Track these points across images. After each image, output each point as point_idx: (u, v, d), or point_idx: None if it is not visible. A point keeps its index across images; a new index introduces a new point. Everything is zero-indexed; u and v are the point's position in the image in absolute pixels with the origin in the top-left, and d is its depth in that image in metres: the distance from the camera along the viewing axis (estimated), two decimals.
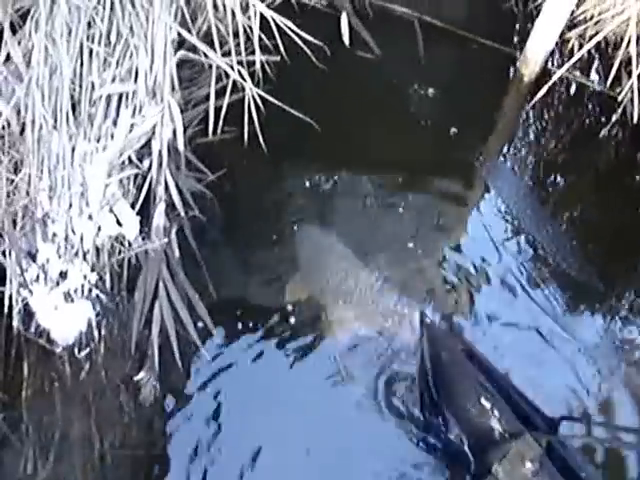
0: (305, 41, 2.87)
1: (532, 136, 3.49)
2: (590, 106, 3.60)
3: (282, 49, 2.92)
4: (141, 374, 2.33)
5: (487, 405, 2.25)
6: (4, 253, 2.35)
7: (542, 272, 3.04)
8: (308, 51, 2.85)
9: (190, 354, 2.44)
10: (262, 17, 2.89)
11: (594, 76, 3.62)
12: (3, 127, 2.76)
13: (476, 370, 2.40)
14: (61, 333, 2.34)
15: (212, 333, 2.49)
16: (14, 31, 2.94)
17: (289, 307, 2.71)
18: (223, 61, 2.85)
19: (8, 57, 2.91)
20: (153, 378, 2.33)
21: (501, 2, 3.80)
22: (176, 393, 2.39)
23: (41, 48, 2.79)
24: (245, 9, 2.91)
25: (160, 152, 2.73)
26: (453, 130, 3.29)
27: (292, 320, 2.67)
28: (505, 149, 3.44)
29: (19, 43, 2.93)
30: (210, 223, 2.73)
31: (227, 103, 2.79)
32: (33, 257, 2.43)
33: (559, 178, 3.35)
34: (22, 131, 2.75)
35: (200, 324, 2.48)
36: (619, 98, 3.29)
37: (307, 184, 3.13)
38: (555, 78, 3.24)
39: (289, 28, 2.75)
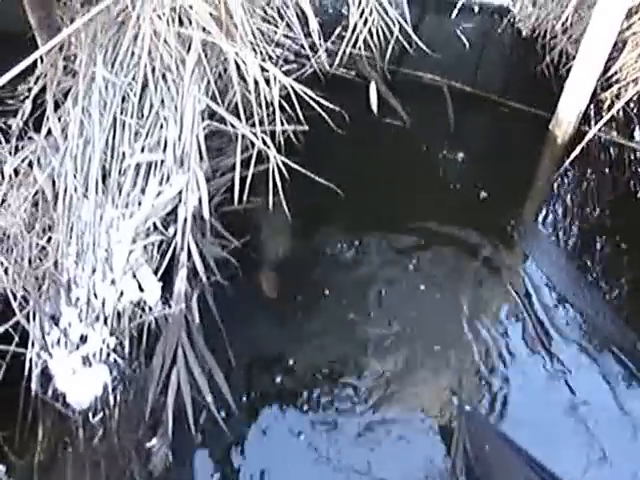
0: (331, 110, 3.02)
1: (567, 199, 3.44)
2: (629, 167, 3.55)
3: (309, 119, 3.06)
4: (153, 441, 2.35)
5: None
6: (28, 316, 2.46)
7: (584, 344, 2.94)
8: (330, 122, 2.98)
9: (205, 423, 2.44)
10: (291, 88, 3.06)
11: (632, 136, 3.60)
12: (37, 194, 2.98)
13: (522, 464, 2.30)
14: (77, 397, 2.40)
15: (229, 402, 2.49)
16: (56, 107, 3.22)
17: (309, 377, 2.69)
18: (249, 131, 3.01)
19: (49, 131, 3.18)
20: (165, 446, 2.34)
21: (531, 65, 3.87)
22: (188, 462, 2.38)
23: (77, 121, 3.03)
24: (272, 81, 3.08)
25: (185, 219, 2.85)
26: (483, 195, 3.29)
27: (311, 391, 2.64)
28: (539, 213, 3.41)
29: (59, 119, 3.19)
30: (233, 290, 2.78)
31: (253, 172, 2.92)
32: (56, 320, 2.53)
33: (597, 243, 3.27)
34: (55, 199, 2.97)
35: (218, 392, 2.49)
36: None
37: (331, 252, 3.16)
38: (587, 139, 3.25)
39: (313, 99, 2.88)
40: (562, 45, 3.86)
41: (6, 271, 2.46)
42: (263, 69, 2.93)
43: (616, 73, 3.56)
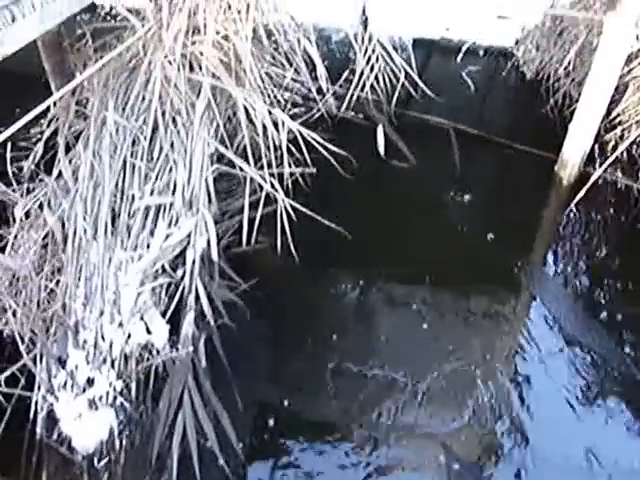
0: (338, 153, 3.07)
1: (573, 240, 3.46)
2: (635, 208, 3.57)
3: (316, 161, 3.11)
4: None
5: None
6: (35, 358, 2.47)
7: (595, 384, 2.92)
8: (337, 165, 3.02)
9: (210, 468, 2.42)
10: (299, 132, 3.12)
11: (638, 177, 3.64)
12: (46, 237, 3.02)
13: None
14: (82, 441, 2.38)
15: (234, 447, 2.47)
16: (68, 150, 3.28)
17: (318, 422, 2.67)
18: (257, 174, 3.05)
19: (60, 174, 3.24)
20: None
21: (536, 108, 3.94)
22: None
23: (88, 164, 3.08)
24: (280, 125, 3.14)
25: (194, 261, 2.88)
26: (490, 236, 3.31)
27: (316, 436, 2.62)
28: (546, 255, 3.42)
29: (70, 161, 3.24)
30: (240, 332, 2.79)
31: (261, 214, 2.96)
32: (62, 363, 2.54)
33: (603, 283, 3.27)
34: (64, 241, 3.00)
35: (223, 437, 2.48)
36: None
37: (339, 293, 3.17)
38: (592, 180, 3.29)
39: (319, 143, 2.93)
40: (565, 88, 3.94)
41: (14, 313, 2.48)
42: (271, 113, 3.00)
43: (619, 115, 3.63)
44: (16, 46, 2.38)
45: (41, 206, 3.08)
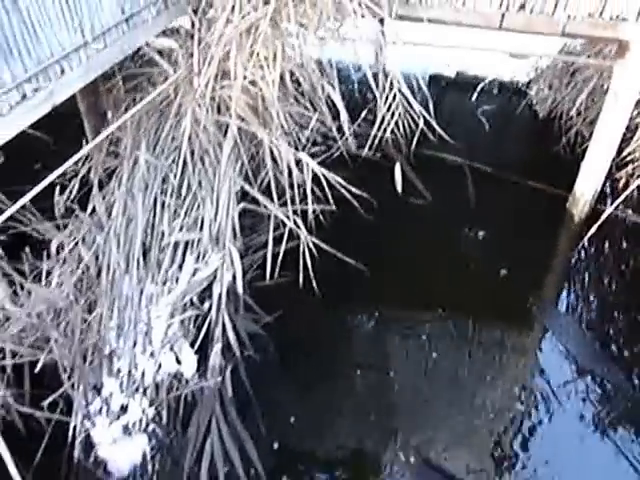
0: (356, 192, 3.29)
1: (585, 276, 3.63)
2: None
3: (336, 198, 3.33)
4: None
5: None
6: (73, 386, 2.68)
7: (610, 416, 3.06)
8: (356, 202, 3.24)
9: None
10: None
11: None
12: (83, 272, 3.24)
13: None
14: (117, 465, 2.57)
15: (259, 472, 2.65)
16: (101, 187, 3.51)
17: (339, 453, 2.82)
18: (281, 211, 3.27)
19: (94, 209, 3.47)
20: None
21: (548, 146, 4.14)
22: None
23: (121, 201, 3.32)
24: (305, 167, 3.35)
25: (220, 295, 3.10)
26: (503, 272, 3.49)
27: (338, 463, 2.78)
28: (558, 290, 3.59)
29: (104, 197, 3.48)
30: (264, 363, 2.98)
31: (284, 249, 3.18)
32: (98, 390, 2.74)
33: (614, 318, 3.42)
34: (98, 275, 3.22)
35: (248, 462, 2.66)
36: None
37: (358, 326, 3.36)
38: (603, 218, 3.45)
39: (339, 183, 3.16)
40: (577, 127, 4.14)
41: (55, 343, 2.70)
42: (295, 155, 3.23)
43: (630, 154, 3.81)
44: (64, 96, 2.64)
45: (75, 240, 3.33)
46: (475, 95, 4.61)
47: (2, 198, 2.92)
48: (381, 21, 3.06)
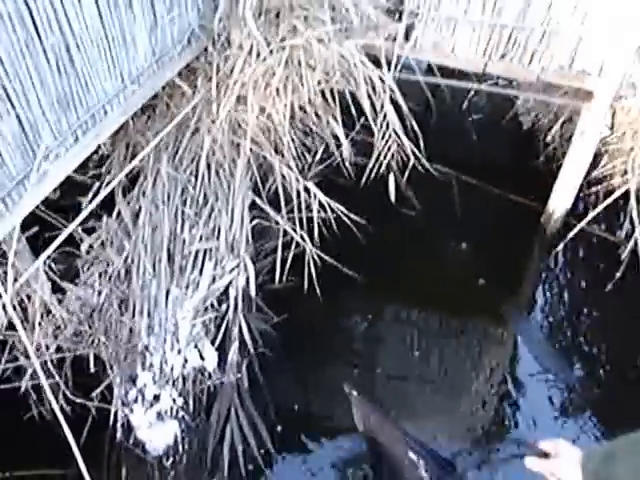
0: (355, 201, 3.89)
1: (554, 287, 4.28)
2: (610, 259, 4.23)
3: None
4: None
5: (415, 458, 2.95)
6: (114, 378, 3.33)
7: (564, 414, 3.72)
8: (354, 215, 3.85)
9: (253, 467, 3.29)
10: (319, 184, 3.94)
11: (614, 231, 4.43)
12: (112, 273, 3.84)
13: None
14: (154, 445, 3.23)
15: (271, 452, 3.34)
16: (124, 193, 4.08)
17: (341, 436, 3.48)
18: (288, 224, 3.87)
19: (118, 214, 4.04)
20: None
21: (530, 160, 4.72)
22: None
23: (147, 212, 3.90)
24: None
25: (236, 298, 3.72)
26: (481, 281, 4.14)
27: (343, 447, 3.45)
28: (529, 298, 4.24)
29: (128, 203, 4.05)
30: (274, 358, 3.63)
31: (291, 255, 3.80)
32: (134, 382, 3.39)
33: (580, 326, 4.07)
34: (126, 277, 3.82)
35: (262, 444, 3.35)
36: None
37: (355, 326, 4.03)
38: (571, 235, 4.09)
39: (330, 205, 3.78)
40: (556, 144, 4.72)
41: (96, 339, 3.33)
42: (299, 181, 3.82)
43: (602, 174, 4.41)
44: (108, 134, 3.21)
45: (103, 243, 3.92)
46: (466, 103, 5.18)
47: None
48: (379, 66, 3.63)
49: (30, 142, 2.70)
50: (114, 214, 3.95)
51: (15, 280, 2.99)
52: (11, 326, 3.29)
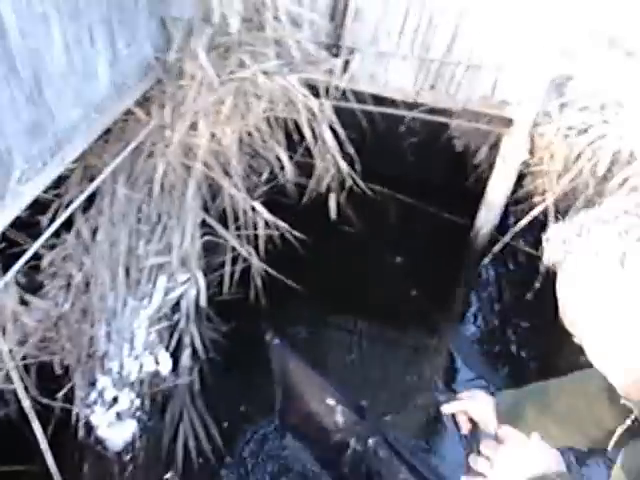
0: (298, 219, 4.40)
1: (482, 296, 4.87)
2: (532, 271, 4.72)
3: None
4: (169, 474, 3.63)
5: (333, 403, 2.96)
6: (76, 382, 3.73)
7: None
8: (296, 232, 4.35)
9: (205, 461, 3.74)
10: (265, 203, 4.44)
11: (536, 246, 5.01)
12: (70, 286, 4.24)
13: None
14: (113, 442, 3.63)
15: (220, 447, 3.80)
16: (82, 211, 4.49)
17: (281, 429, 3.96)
18: (235, 240, 4.35)
19: (77, 231, 4.45)
20: (177, 477, 3.63)
21: (461, 180, 5.31)
22: None
23: (104, 229, 4.33)
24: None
25: (188, 309, 4.17)
26: (413, 292, 4.69)
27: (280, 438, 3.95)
28: (458, 307, 4.82)
29: (87, 221, 4.47)
30: (223, 363, 4.09)
31: (238, 270, 4.28)
32: (94, 385, 3.80)
33: (505, 330, 4.67)
34: (86, 289, 4.24)
35: (212, 440, 3.80)
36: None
37: (297, 333, 4.51)
38: (497, 248, 4.68)
39: (275, 223, 4.27)
40: (484, 165, 5.32)
41: (63, 347, 3.74)
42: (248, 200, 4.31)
43: (526, 193, 5.01)
44: (72, 158, 3.65)
45: (63, 258, 4.33)
46: (403, 128, 5.75)
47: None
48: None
49: (5, 166, 3.13)
50: (73, 231, 4.38)
51: None
52: None
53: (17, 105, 3.07)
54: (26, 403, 3.14)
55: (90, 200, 4.53)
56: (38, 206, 4.29)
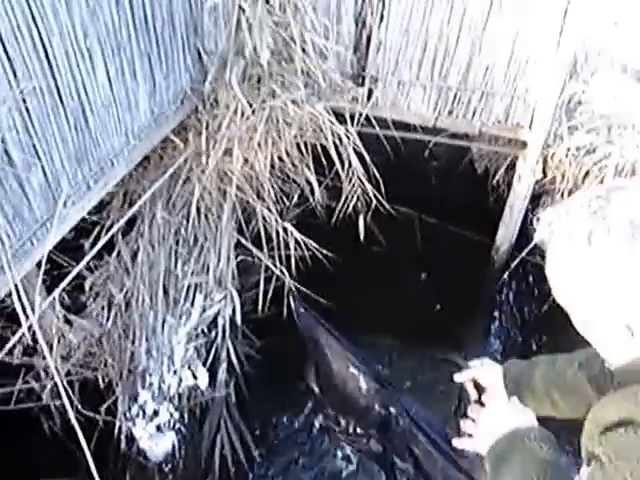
0: (328, 239, 4.43)
1: (503, 309, 4.84)
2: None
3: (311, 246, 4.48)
4: None
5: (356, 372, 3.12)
6: (118, 396, 3.77)
7: None
8: (327, 251, 4.37)
9: (241, 471, 3.74)
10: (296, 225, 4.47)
11: None
12: (112, 306, 4.30)
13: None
14: (154, 452, 3.64)
15: (255, 457, 3.79)
16: (123, 235, 4.57)
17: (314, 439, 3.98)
18: (269, 260, 4.39)
19: (118, 253, 4.53)
20: None
21: (482, 201, 5.31)
22: None
23: (144, 251, 4.39)
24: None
25: (224, 326, 4.20)
26: (437, 307, 4.68)
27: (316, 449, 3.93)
28: (481, 320, 4.79)
29: (127, 244, 4.54)
30: (258, 377, 4.10)
31: (272, 288, 4.31)
32: (136, 399, 3.83)
33: (526, 344, 4.62)
34: (127, 309, 4.29)
35: (248, 451, 3.80)
36: None
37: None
38: (515, 263, 4.64)
39: (306, 243, 4.30)
40: (503, 186, 5.32)
41: (105, 363, 3.78)
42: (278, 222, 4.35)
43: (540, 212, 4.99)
44: (114, 183, 3.72)
45: (106, 280, 4.40)
46: (427, 152, 5.78)
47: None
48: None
49: (52, 190, 3.18)
50: (114, 254, 4.45)
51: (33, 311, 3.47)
52: (25, 353, 3.77)
53: (63, 134, 3.15)
54: (72, 415, 3.17)
55: (130, 224, 4.61)
56: (81, 230, 4.41)
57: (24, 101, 2.85)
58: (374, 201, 4.42)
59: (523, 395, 1.73)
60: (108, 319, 4.14)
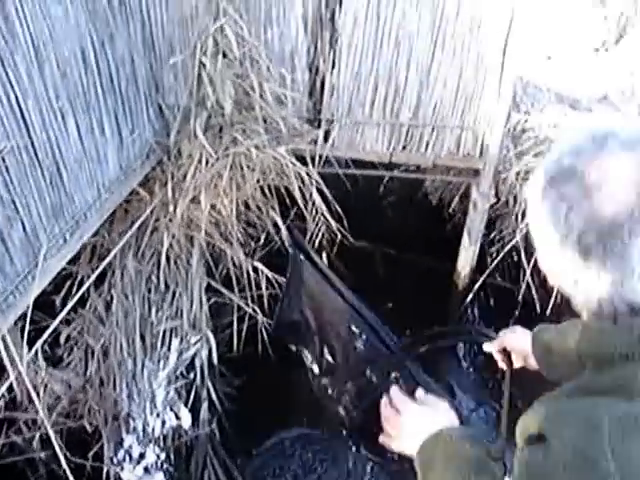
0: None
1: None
2: (514, 305, 5.06)
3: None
4: None
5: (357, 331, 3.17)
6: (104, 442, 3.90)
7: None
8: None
9: None
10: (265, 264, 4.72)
11: (515, 281, 5.34)
12: (89, 356, 4.45)
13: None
14: None
15: None
16: (95, 287, 4.74)
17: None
18: (241, 300, 4.61)
19: (91, 305, 4.69)
20: None
21: (439, 230, 5.65)
22: None
23: (118, 300, 4.57)
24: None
25: (202, 366, 4.38)
26: (407, 332, 4.94)
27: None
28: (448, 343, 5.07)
29: (100, 295, 4.71)
30: (239, 414, 4.28)
31: (245, 327, 4.53)
32: (121, 444, 3.97)
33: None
34: (104, 358, 4.44)
35: None
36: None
37: (306, 382, 4.71)
38: (476, 287, 4.98)
39: (277, 280, 4.55)
40: (459, 213, 5.69)
41: (90, 411, 3.92)
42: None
43: (498, 235, 5.36)
44: (89, 234, 3.93)
45: (81, 332, 4.55)
46: (383, 187, 6.13)
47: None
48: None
49: (32, 244, 3.38)
50: (87, 306, 4.62)
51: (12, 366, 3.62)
52: (6, 407, 3.89)
53: (40, 189, 3.36)
54: (63, 462, 3.31)
55: (101, 276, 4.80)
56: (51, 284, 4.58)
57: (3, 160, 3.07)
58: (339, 236, 4.69)
59: (552, 362, 1.67)
60: (87, 369, 4.28)
